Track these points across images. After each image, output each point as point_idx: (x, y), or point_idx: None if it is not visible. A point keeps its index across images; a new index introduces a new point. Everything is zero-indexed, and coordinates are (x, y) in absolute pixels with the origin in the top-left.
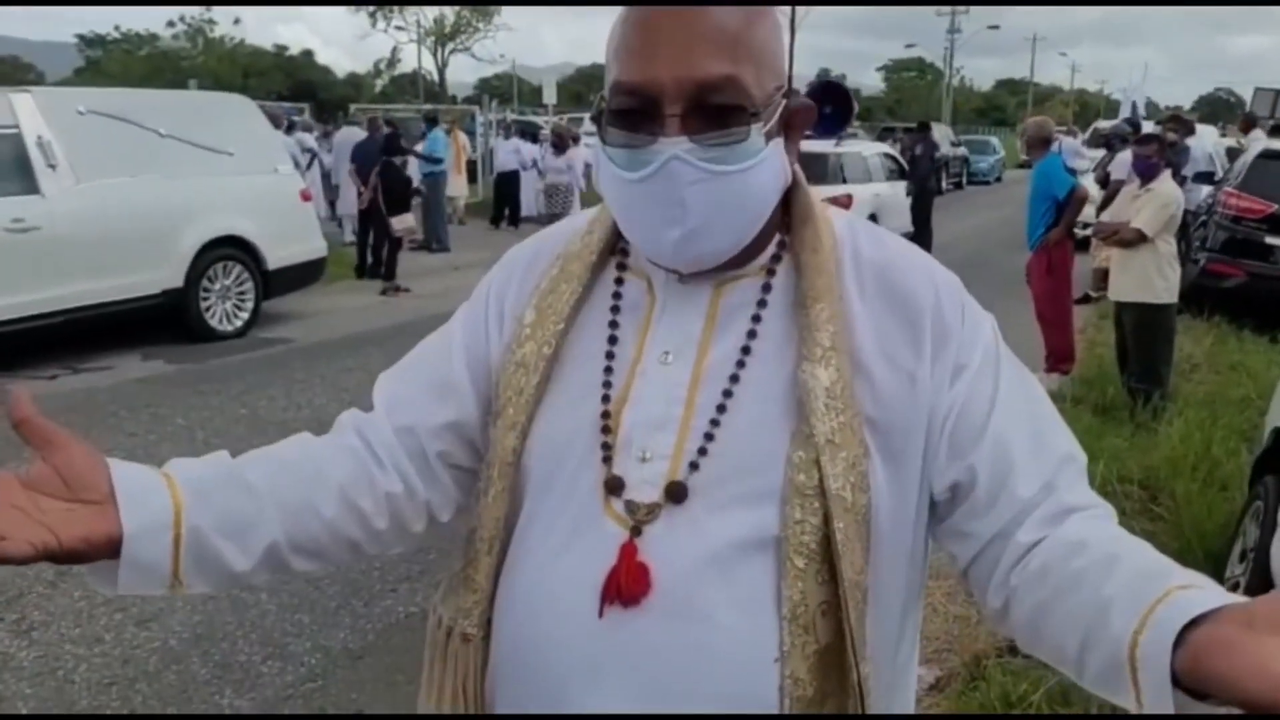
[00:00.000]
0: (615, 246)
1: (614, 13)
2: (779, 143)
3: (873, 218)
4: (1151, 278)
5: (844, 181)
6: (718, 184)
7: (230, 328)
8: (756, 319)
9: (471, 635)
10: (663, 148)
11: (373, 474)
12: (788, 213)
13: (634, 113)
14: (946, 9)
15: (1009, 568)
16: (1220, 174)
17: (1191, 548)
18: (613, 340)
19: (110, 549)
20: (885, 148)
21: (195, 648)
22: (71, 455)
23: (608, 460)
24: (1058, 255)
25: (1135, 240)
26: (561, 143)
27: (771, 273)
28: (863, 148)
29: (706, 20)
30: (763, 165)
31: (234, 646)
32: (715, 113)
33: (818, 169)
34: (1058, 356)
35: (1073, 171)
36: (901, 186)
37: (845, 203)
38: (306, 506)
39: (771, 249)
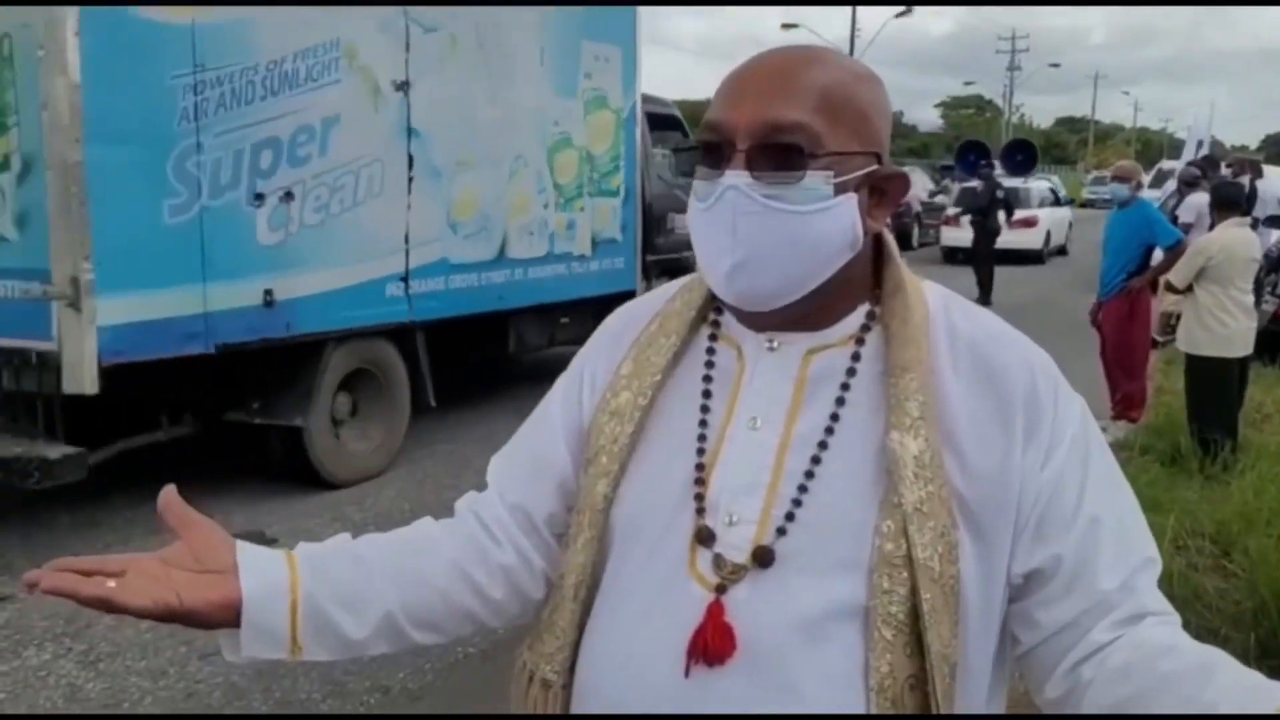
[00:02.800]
0: (709, 311)
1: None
2: (853, 199)
3: (1048, 234)
4: (1192, 327)
5: (1029, 206)
6: (770, 218)
7: None
8: (845, 387)
9: (551, 682)
10: (726, 179)
11: (486, 547)
12: (879, 284)
13: (713, 148)
14: (1006, 47)
15: (1078, 661)
16: None
17: (1267, 607)
18: (707, 396)
19: (231, 613)
20: (1050, 183)
21: (257, 684)
22: (202, 533)
23: (700, 511)
24: (1140, 301)
25: (1170, 290)
26: None
27: (861, 342)
28: (1035, 184)
29: (794, 74)
30: (826, 214)
31: (295, 684)
32: (777, 152)
33: (1011, 198)
34: (1130, 403)
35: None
36: (1061, 212)
37: (1033, 221)
38: (419, 578)
39: (860, 318)
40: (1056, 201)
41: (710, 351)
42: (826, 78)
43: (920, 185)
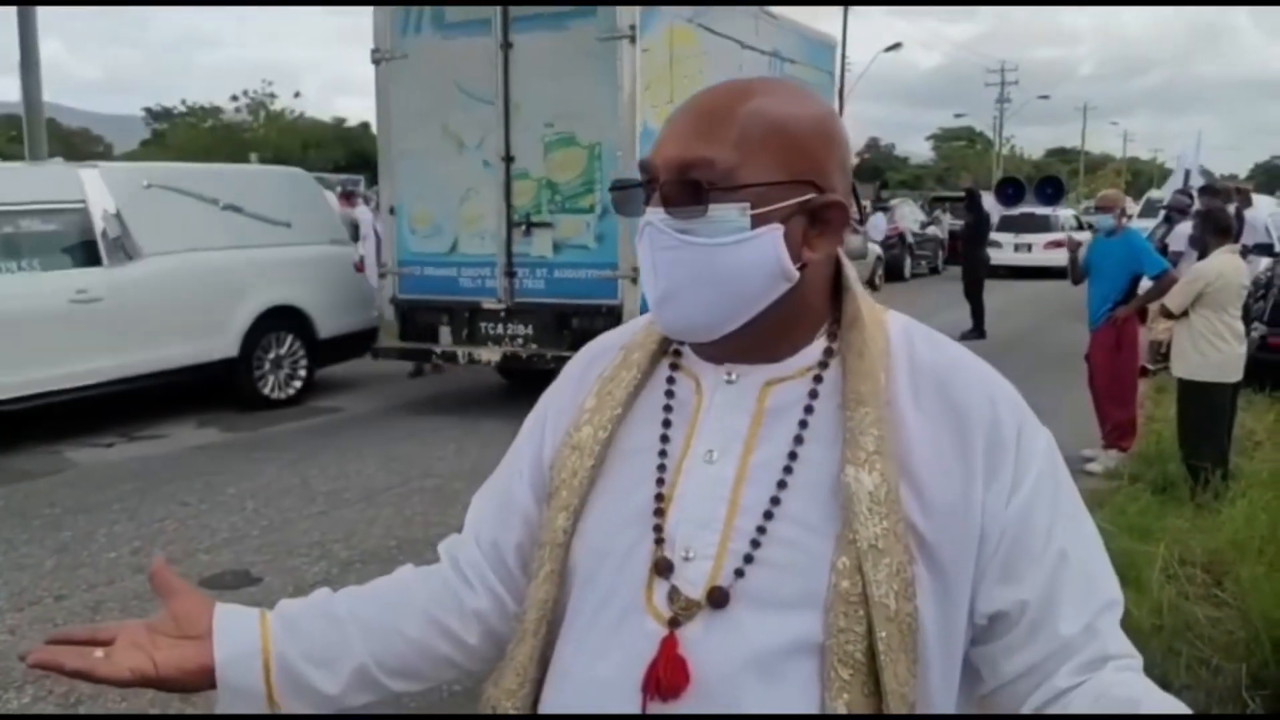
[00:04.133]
0: (671, 343)
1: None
2: (778, 230)
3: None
4: (1187, 352)
5: (1057, 230)
6: (683, 252)
7: (283, 396)
8: (804, 423)
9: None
10: (647, 215)
11: (459, 593)
12: (839, 318)
13: (647, 186)
14: (995, 80)
15: (1040, 705)
16: None
17: (1259, 637)
18: (666, 426)
19: (208, 677)
20: (1074, 210)
21: None
22: (184, 600)
23: (659, 542)
24: (1127, 330)
25: (1164, 315)
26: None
27: (819, 378)
28: (1062, 212)
29: (715, 110)
30: (743, 246)
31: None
32: (686, 188)
33: (1043, 224)
34: (1121, 432)
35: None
36: (1080, 235)
37: (1064, 243)
38: (390, 628)
39: (818, 353)
40: (1079, 226)
41: (671, 382)
42: (750, 110)
43: (911, 217)
